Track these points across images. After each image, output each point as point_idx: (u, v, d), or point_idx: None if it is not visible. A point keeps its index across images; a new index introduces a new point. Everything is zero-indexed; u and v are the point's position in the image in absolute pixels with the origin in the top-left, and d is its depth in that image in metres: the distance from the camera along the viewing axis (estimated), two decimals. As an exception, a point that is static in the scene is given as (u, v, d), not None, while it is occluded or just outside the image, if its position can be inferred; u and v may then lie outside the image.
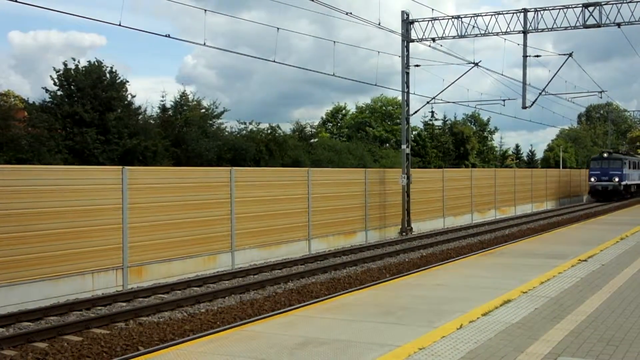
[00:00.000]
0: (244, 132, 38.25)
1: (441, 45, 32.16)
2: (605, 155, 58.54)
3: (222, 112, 37.97)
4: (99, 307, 14.66)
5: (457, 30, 31.83)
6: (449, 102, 53.06)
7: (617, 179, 56.62)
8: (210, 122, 36.38)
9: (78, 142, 27.19)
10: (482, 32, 31.70)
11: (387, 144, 65.39)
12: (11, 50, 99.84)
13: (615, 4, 29.60)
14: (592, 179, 58.08)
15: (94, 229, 16.77)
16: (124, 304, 15.11)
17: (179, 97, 36.22)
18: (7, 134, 25.14)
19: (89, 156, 27.13)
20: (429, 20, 31.87)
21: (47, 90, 28.67)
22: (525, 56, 32.26)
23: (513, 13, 31.27)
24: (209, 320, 13.35)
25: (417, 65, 32.34)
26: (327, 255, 23.36)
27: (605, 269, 15.08)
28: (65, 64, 28.70)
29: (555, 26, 30.80)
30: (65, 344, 11.34)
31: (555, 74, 35.60)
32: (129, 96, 30.87)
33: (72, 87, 28.74)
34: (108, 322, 12.91)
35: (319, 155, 40.73)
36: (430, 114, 68.74)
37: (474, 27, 31.65)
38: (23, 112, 28.62)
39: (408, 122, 32.72)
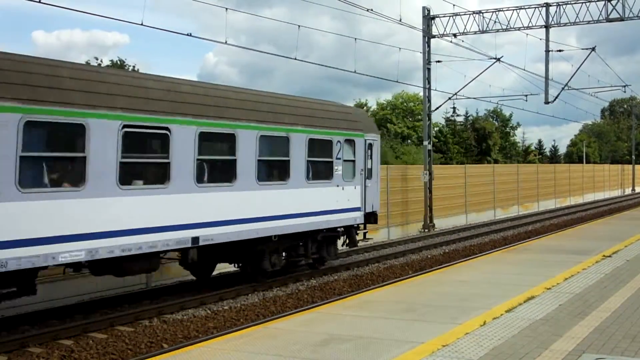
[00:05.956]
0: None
1: (463, 41, 31.95)
2: None
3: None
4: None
5: (478, 26, 31.66)
6: (470, 97, 52.72)
7: None
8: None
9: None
10: (504, 27, 31.50)
11: (409, 141, 65.26)
12: (35, 49, 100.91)
13: (639, -4, 29.32)
14: None
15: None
16: (147, 300, 15.19)
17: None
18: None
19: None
20: (450, 16, 31.72)
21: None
22: (547, 51, 32.02)
23: (535, 8, 31.03)
24: (232, 318, 13.40)
25: (438, 61, 32.21)
26: (350, 252, 23.32)
27: (630, 265, 14.95)
28: (88, 63, 29.01)
29: (577, 20, 30.52)
30: (91, 341, 11.44)
31: (578, 69, 35.33)
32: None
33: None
34: (132, 320, 13.00)
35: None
36: (452, 110, 68.62)
37: (495, 22, 31.47)
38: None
39: (430, 119, 32.61)
